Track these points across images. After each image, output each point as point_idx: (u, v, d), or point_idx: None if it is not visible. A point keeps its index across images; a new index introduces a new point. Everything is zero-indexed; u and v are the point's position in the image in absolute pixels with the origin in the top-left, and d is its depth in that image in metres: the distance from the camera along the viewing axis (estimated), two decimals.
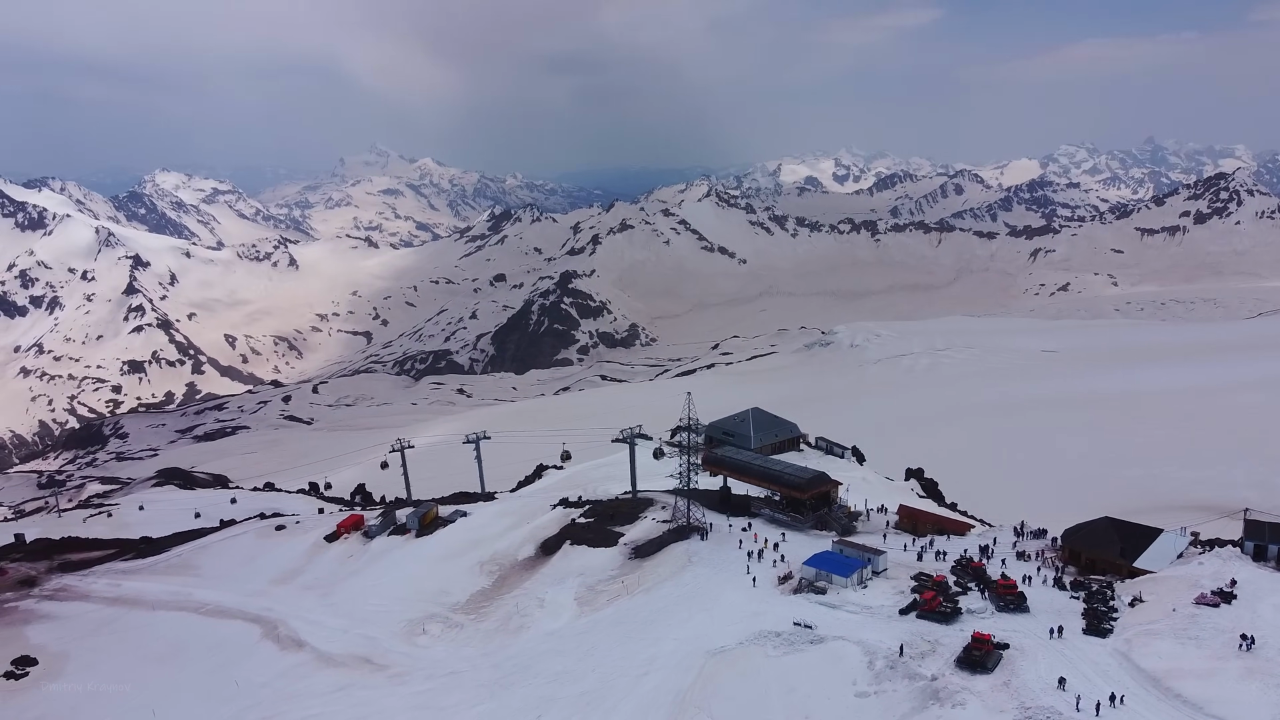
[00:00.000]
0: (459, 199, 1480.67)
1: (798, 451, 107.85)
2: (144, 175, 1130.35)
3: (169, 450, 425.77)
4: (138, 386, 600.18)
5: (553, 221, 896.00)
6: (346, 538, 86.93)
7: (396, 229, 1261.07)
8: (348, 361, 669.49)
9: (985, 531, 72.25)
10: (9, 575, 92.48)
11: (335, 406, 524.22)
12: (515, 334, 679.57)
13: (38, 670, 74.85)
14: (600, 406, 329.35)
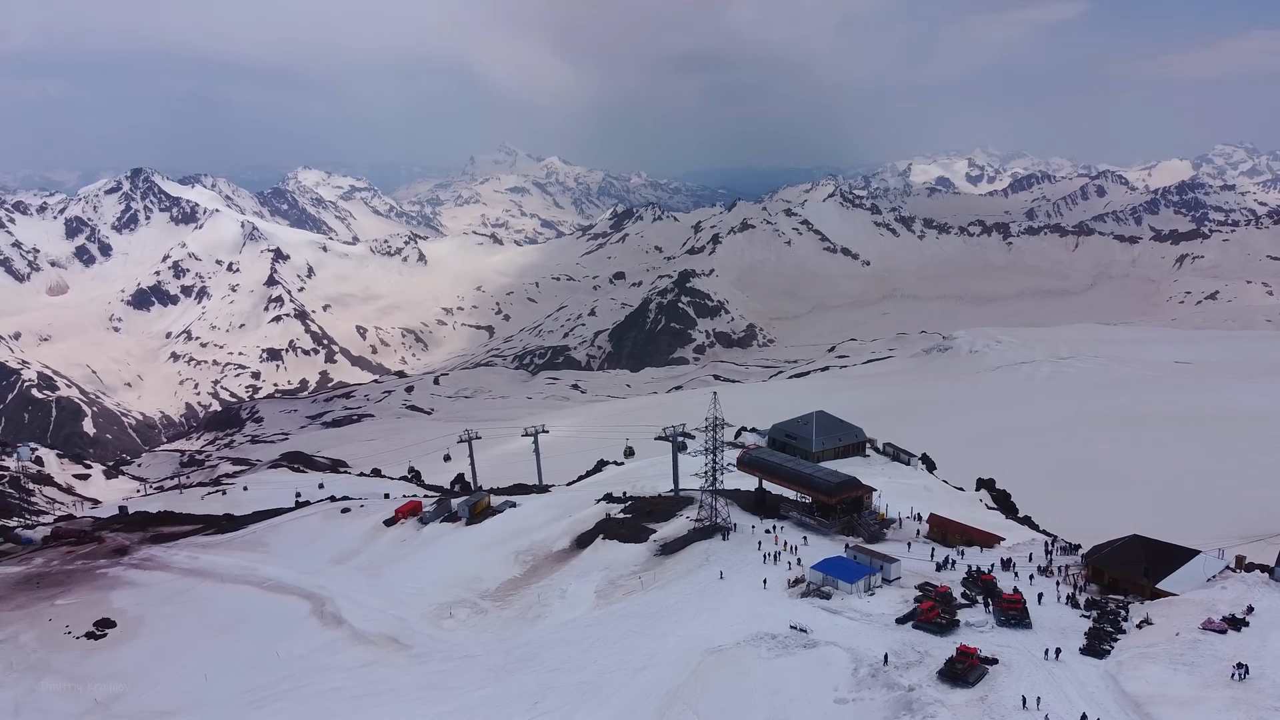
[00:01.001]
0: (583, 197, 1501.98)
1: (863, 457, 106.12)
2: (287, 173, 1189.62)
3: (299, 435, 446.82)
4: (275, 373, 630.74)
5: (674, 220, 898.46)
6: (403, 523, 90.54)
7: (522, 226, 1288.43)
8: (470, 355, 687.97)
9: (1016, 545, 69.80)
10: (105, 544, 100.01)
11: (454, 398, 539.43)
12: (632, 332, 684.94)
13: (115, 632, 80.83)
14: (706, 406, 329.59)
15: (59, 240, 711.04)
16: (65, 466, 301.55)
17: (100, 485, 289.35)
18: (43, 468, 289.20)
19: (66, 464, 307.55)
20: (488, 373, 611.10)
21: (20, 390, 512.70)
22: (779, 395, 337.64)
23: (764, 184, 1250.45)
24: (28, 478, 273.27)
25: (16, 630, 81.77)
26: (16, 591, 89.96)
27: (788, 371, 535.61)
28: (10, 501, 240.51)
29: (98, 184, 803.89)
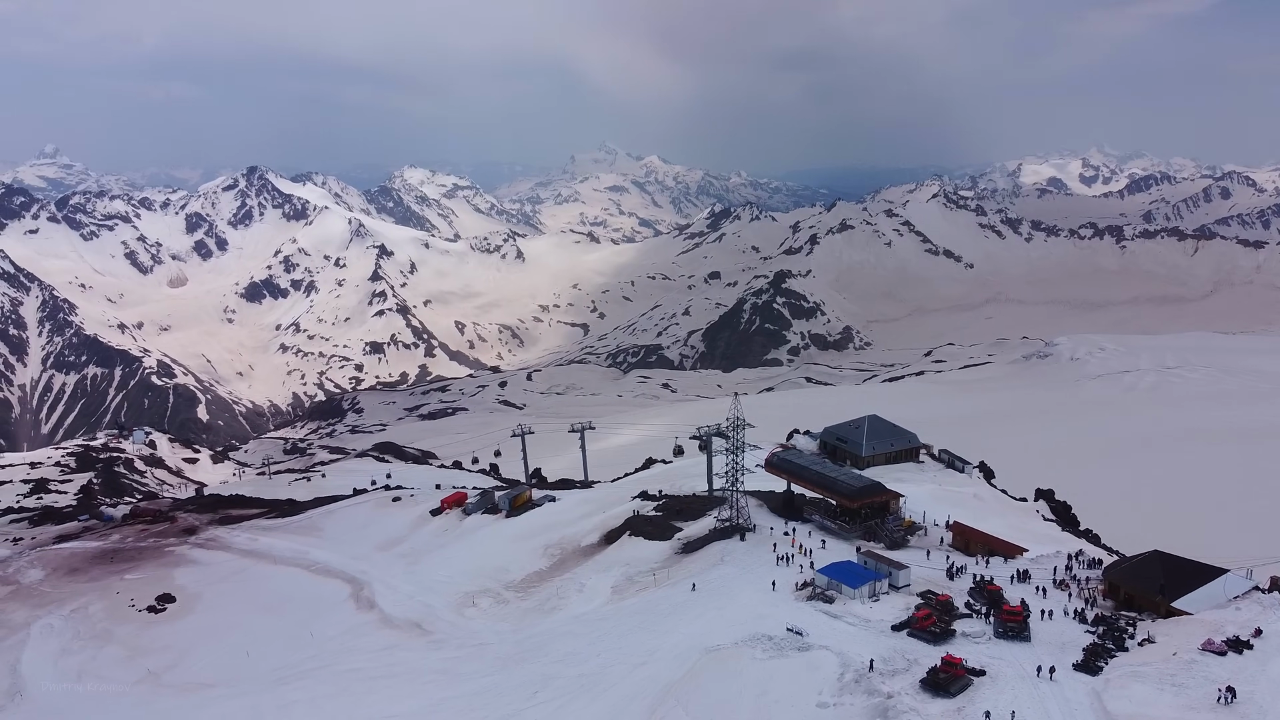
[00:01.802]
0: (682, 196, 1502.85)
1: (916, 463, 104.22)
2: (394, 171, 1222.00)
3: (396, 426, 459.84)
4: (377, 366, 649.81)
5: (772, 220, 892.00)
6: (447, 513, 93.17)
7: (620, 225, 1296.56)
8: (565, 352, 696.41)
9: (1040, 557, 67.75)
10: (177, 523, 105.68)
11: (546, 394, 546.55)
12: (726, 332, 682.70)
13: (174, 607, 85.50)
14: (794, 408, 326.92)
15: (180, 235, 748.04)
16: (176, 450, 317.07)
17: (207, 469, 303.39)
18: (155, 451, 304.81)
19: (177, 448, 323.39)
20: (580, 370, 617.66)
21: (141, 377, 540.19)
22: (868, 399, 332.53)
23: (866, 184, 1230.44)
24: (141, 460, 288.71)
25: (87, 601, 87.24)
26: (92, 565, 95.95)
27: (881, 375, 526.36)
28: (123, 482, 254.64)
29: (216, 181, 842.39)
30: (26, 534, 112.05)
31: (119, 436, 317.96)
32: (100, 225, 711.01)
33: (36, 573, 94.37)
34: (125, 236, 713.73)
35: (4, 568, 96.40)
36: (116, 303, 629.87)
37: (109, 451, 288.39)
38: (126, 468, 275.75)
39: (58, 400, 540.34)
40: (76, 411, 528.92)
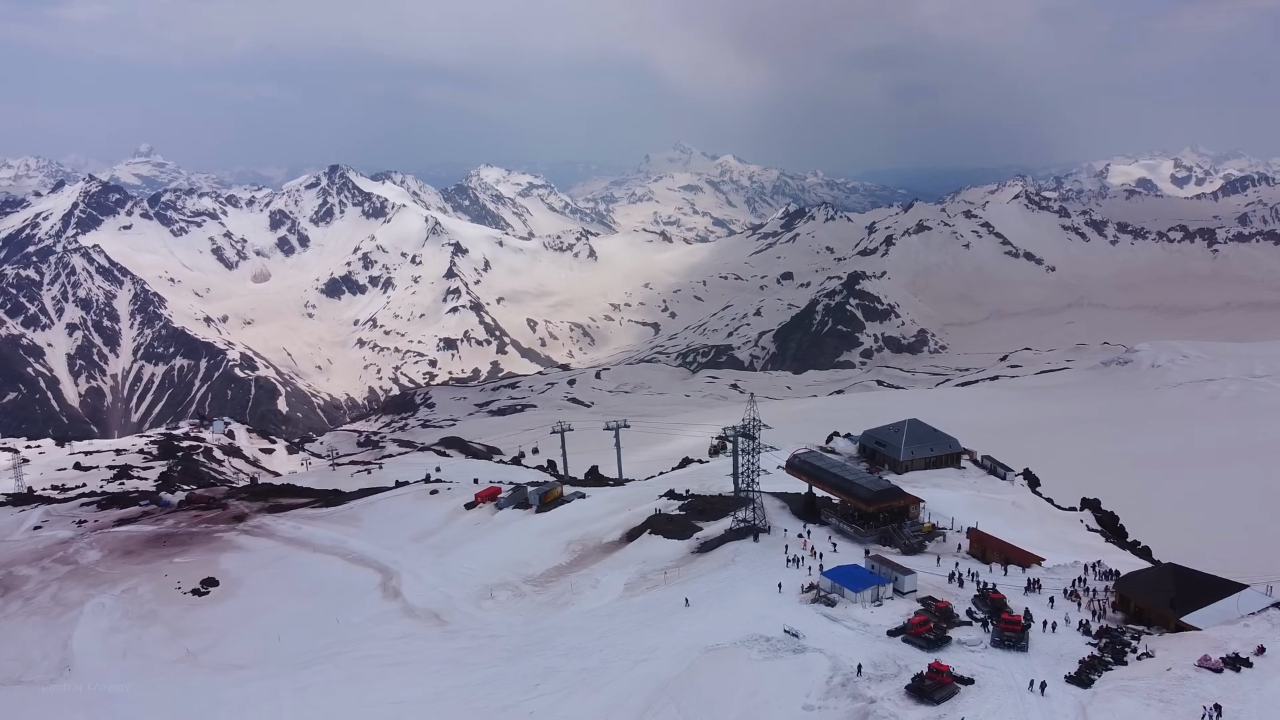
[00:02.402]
0: (757, 196, 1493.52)
1: (957, 469, 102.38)
2: (470, 170, 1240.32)
3: (466, 421, 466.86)
4: (450, 362, 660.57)
5: (847, 220, 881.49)
6: (480, 507, 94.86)
7: (694, 224, 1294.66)
8: (635, 351, 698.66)
9: (1057, 567, 66.04)
10: (228, 510, 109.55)
11: (615, 393, 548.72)
12: (798, 333, 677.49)
13: (217, 590, 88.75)
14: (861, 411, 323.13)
15: (264, 231, 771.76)
16: (253, 441, 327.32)
17: (282, 459, 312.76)
18: (233, 441, 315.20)
19: (254, 438, 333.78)
20: (648, 369, 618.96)
21: (225, 369, 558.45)
22: (936, 403, 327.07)
23: (947, 184, 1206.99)
24: (219, 449, 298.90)
25: (138, 582, 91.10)
26: (145, 548, 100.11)
27: (955, 380, 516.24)
28: (201, 470, 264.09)
29: (299, 180, 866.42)
30: (92, 516, 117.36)
31: (199, 426, 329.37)
32: (189, 222, 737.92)
33: (94, 554, 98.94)
34: (213, 233, 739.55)
35: (66, 548, 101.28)
36: (203, 297, 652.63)
37: (189, 440, 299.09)
38: (205, 456, 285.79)
39: (147, 390, 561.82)
40: (164, 401, 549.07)
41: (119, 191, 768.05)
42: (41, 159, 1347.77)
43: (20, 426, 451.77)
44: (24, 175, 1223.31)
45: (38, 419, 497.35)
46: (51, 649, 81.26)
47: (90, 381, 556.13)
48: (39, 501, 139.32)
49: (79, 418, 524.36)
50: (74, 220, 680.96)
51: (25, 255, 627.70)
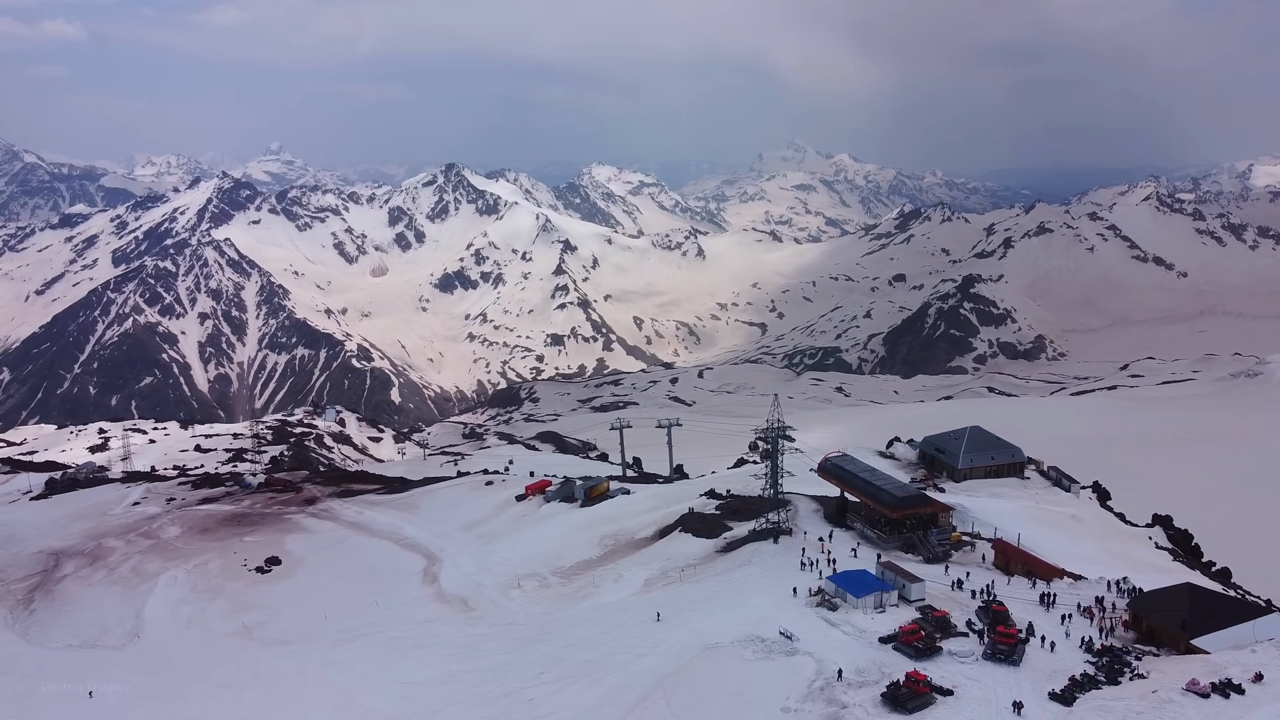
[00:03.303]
0: (871, 196, 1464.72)
1: (1020, 479, 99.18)
2: (582, 168, 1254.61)
3: (569, 417, 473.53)
4: (556, 358, 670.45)
5: (964, 222, 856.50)
6: (530, 499, 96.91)
7: (806, 224, 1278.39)
8: (741, 351, 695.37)
9: (1079, 582, 63.38)
10: (301, 494, 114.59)
11: (717, 392, 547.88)
12: (908, 336, 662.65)
13: (279, 569, 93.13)
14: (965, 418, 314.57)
15: (383, 227, 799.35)
16: (363, 429, 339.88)
17: (389, 448, 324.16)
18: (344, 429, 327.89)
19: (364, 427, 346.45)
20: (752, 369, 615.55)
21: (343, 359, 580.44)
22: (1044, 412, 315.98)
23: (1074, 185, 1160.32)
24: (330, 436, 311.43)
25: (208, 559, 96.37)
26: (221, 526, 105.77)
27: (1070, 389, 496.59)
28: (311, 455, 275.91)
29: (417, 177, 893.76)
30: (182, 495, 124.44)
31: (313, 414, 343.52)
32: (313, 217, 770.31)
33: (175, 530, 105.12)
34: (335, 228, 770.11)
35: (151, 523, 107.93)
36: (324, 290, 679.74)
37: (302, 427, 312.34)
38: (316, 443, 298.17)
39: (270, 378, 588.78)
40: (286, 389, 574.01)
41: (249, 188, 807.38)
42: (181, 156, 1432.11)
43: (154, 409, 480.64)
44: (165, 172, 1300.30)
45: (170, 402, 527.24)
46: (126, 616, 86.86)
47: (219, 368, 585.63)
48: (144, 480, 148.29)
49: (208, 402, 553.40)
50: (208, 215, 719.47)
51: (163, 248, 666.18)
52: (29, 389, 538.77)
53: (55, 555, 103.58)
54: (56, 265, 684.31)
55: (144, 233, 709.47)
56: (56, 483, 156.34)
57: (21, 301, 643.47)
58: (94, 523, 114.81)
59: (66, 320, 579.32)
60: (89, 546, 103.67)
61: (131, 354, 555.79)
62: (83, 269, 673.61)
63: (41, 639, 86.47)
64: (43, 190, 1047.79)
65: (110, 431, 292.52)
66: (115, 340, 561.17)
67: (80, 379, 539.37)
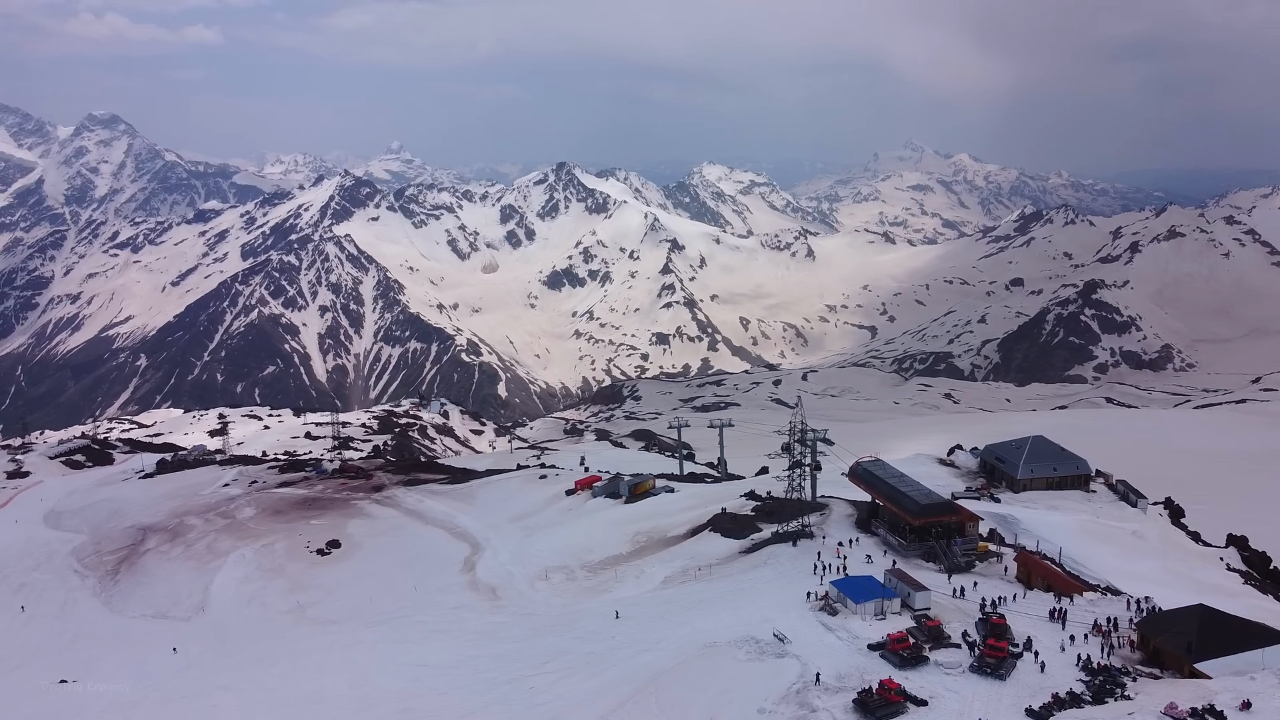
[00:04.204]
0: (992, 197, 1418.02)
1: (1084, 492, 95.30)
2: (693, 167, 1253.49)
3: (669, 415, 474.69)
4: (661, 356, 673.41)
5: (1089, 225, 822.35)
6: (578, 494, 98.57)
7: (921, 225, 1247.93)
8: (849, 354, 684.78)
9: (1100, 599, 60.58)
10: (371, 481, 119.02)
11: (820, 395, 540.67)
12: (1024, 343, 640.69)
13: (338, 552, 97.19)
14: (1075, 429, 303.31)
15: (494, 225, 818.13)
16: (465, 422, 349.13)
17: (489, 440, 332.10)
18: (447, 420, 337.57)
19: (467, 419, 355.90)
20: (858, 373, 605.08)
21: (453, 354, 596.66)
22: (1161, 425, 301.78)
23: (1212, 187, 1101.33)
24: (433, 427, 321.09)
25: (275, 540, 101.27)
26: (292, 508, 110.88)
27: (1195, 402, 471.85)
28: (415, 445, 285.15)
29: (529, 176, 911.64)
30: (265, 478, 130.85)
31: (418, 405, 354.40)
32: (429, 215, 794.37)
33: (250, 511, 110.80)
34: (449, 225, 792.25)
35: (230, 504, 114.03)
36: (437, 285, 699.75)
37: (407, 418, 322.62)
38: (419, 434, 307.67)
39: (384, 369, 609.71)
40: (399, 381, 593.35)
41: (369, 185, 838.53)
42: (308, 155, 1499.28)
43: (276, 397, 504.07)
44: (293, 170, 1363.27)
45: (291, 391, 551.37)
46: (195, 590, 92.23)
47: (336, 359, 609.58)
48: (240, 463, 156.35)
49: (325, 392, 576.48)
50: (330, 211, 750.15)
51: (288, 243, 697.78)
52: (163, 375, 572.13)
53: (143, 530, 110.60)
54: (190, 258, 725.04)
55: (270, 228, 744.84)
56: (166, 463, 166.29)
57: (159, 292, 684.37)
58: (183, 501, 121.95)
59: (198, 310, 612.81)
60: (172, 523, 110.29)
61: (256, 344, 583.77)
62: (214, 262, 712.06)
63: (121, 608, 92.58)
64: (180, 187, 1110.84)
65: (229, 417, 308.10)
66: (242, 330, 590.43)
67: (209, 366, 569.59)
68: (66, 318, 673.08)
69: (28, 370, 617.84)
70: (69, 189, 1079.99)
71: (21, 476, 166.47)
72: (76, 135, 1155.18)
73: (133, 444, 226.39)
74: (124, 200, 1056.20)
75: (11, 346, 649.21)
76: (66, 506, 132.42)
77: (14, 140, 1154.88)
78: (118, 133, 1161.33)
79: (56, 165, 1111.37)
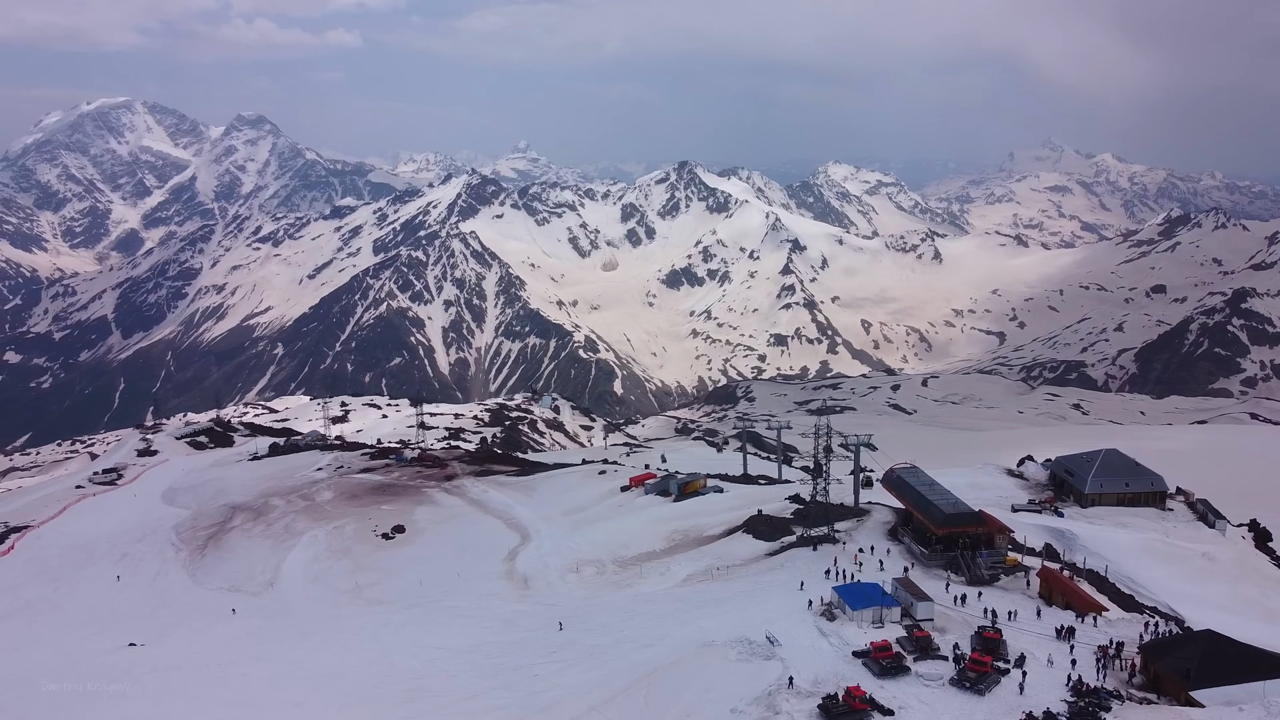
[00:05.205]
0: (1136, 199, 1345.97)
1: (1160, 510, 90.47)
2: (818, 166, 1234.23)
3: (782, 418, 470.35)
4: (779, 358, 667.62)
5: (1241, 229, 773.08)
6: (632, 490, 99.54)
7: (1058, 228, 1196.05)
8: (975, 360, 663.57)
9: (1120, 620, 57.34)
10: (444, 470, 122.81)
11: (940, 402, 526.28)
12: (1164, 353, 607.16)
13: (401, 537, 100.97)
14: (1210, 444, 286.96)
15: (615, 223, 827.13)
16: (576, 417, 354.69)
17: (598, 436, 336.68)
18: (558, 416, 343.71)
19: (577, 415, 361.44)
20: (981, 380, 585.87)
21: (570, 350, 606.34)
22: None
23: None
24: (544, 422, 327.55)
25: (346, 523, 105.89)
26: (367, 493, 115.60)
27: None
28: (523, 439, 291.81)
29: (650, 175, 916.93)
30: (352, 464, 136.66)
31: (530, 400, 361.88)
32: (551, 213, 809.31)
33: (328, 494, 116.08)
34: (570, 223, 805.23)
35: (312, 488, 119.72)
36: (558, 282, 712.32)
37: (518, 411, 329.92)
38: (529, 428, 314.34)
39: (504, 364, 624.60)
40: (517, 375, 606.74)
41: (494, 184, 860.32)
42: (438, 154, 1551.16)
43: (401, 387, 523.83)
44: (424, 169, 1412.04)
45: (415, 382, 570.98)
46: (269, 568, 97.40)
47: (459, 353, 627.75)
48: (338, 449, 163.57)
49: (448, 384, 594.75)
50: (456, 209, 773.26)
51: (417, 239, 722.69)
52: (298, 363, 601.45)
53: (233, 509, 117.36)
54: (326, 252, 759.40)
55: (401, 224, 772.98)
56: (278, 447, 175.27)
57: (296, 285, 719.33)
58: (275, 483, 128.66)
59: (331, 303, 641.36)
60: (259, 504, 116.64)
61: (384, 336, 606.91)
62: (347, 256, 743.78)
63: (203, 580, 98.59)
64: (319, 184, 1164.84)
65: (350, 405, 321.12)
66: (371, 322, 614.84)
67: (340, 356, 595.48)
68: (212, 307, 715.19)
69: (176, 356, 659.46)
70: (218, 186, 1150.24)
71: (150, 455, 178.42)
72: (226, 135, 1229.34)
73: (252, 428, 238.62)
74: (267, 196, 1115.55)
75: (163, 334, 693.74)
76: (182, 484, 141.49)
77: (171, 140, 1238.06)
78: (263, 132, 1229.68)
79: (207, 163, 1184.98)
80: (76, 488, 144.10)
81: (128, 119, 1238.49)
